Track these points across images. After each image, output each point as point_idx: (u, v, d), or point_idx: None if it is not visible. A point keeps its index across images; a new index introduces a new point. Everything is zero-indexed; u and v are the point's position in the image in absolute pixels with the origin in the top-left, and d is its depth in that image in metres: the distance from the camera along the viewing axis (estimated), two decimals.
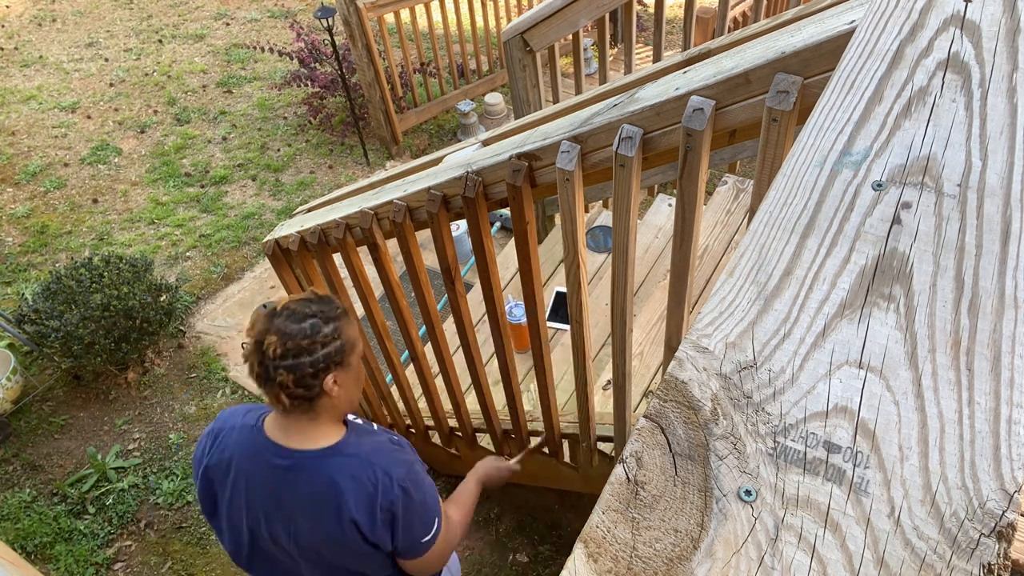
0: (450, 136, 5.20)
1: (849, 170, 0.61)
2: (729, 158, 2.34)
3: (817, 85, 0.91)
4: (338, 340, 1.22)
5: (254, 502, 1.32)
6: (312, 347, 1.18)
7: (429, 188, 1.50)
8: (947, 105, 0.65)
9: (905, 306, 0.50)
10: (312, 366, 1.19)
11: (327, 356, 1.20)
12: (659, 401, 0.48)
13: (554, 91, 2.74)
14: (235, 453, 1.33)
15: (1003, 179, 0.58)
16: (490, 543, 2.84)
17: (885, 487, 0.41)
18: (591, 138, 1.17)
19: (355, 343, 1.27)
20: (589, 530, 0.42)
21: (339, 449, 1.27)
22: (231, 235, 4.35)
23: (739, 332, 0.51)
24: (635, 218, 1.24)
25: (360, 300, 2.11)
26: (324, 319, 1.21)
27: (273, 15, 6.75)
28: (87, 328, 3.11)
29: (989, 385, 0.45)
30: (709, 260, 2.89)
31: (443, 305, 3.60)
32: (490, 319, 1.72)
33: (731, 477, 0.43)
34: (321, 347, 1.19)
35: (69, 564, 2.86)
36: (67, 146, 5.19)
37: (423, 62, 4.99)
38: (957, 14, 0.74)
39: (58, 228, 4.50)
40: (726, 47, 1.15)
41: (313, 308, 1.22)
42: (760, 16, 2.52)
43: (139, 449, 3.29)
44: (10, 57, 6.27)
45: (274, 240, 2.19)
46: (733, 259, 0.57)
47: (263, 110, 5.46)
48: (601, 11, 2.44)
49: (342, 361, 1.23)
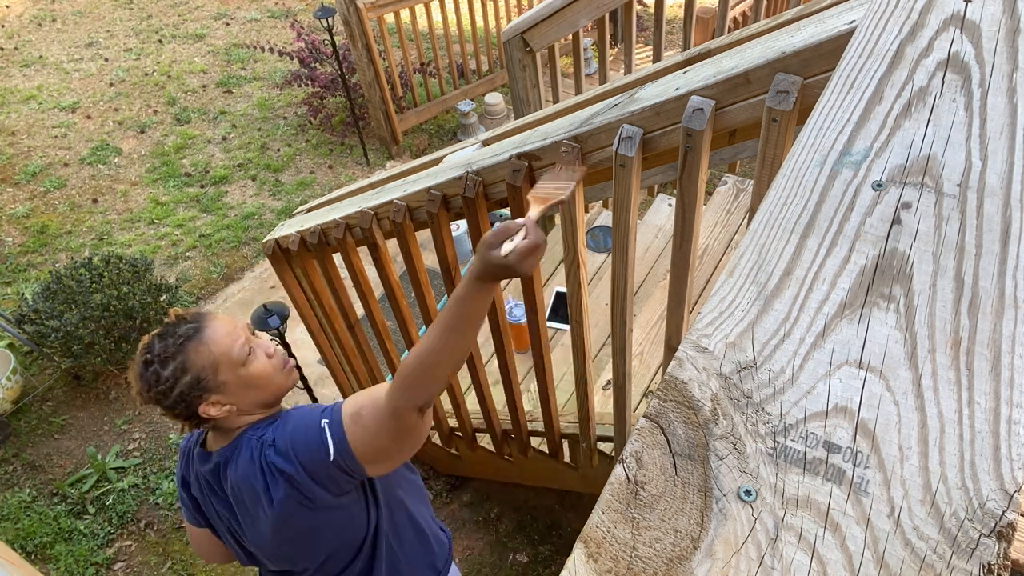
0: (450, 136, 5.20)
1: (849, 170, 0.61)
2: (729, 158, 2.33)
3: (817, 85, 0.91)
4: (185, 375, 1.17)
5: (213, 510, 1.35)
6: (161, 395, 1.17)
7: (429, 188, 1.50)
8: (947, 105, 0.65)
9: (905, 306, 0.50)
10: (174, 407, 1.18)
11: (182, 395, 1.17)
12: (659, 401, 0.48)
13: (554, 91, 2.74)
14: (191, 470, 1.37)
15: (1003, 179, 0.58)
16: (490, 543, 2.84)
17: (885, 487, 0.41)
18: (591, 138, 1.17)
19: (216, 362, 1.19)
20: (589, 530, 0.42)
21: (241, 437, 1.25)
22: (231, 235, 4.35)
23: (739, 332, 0.51)
24: (635, 218, 1.24)
25: (360, 300, 2.11)
26: (161, 361, 1.17)
27: (273, 15, 6.75)
28: (87, 328, 3.11)
29: (989, 385, 0.45)
30: (709, 260, 2.89)
31: (443, 305, 3.60)
32: (490, 319, 1.72)
33: (731, 477, 0.43)
34: (170, 390, 1.17)
35: (69, 564, 2.86)
36: (67, 146, 5.19)
37: (423, 62, 4.99)
38: (957, 14, 0.74)
39: (58, 228, 4.50)
40: (726, 47, 1.15)
41: (155, 350, 1.18)
42: (760, 16, 2.52)
43: (139, 449, 3.29)
44: (10, 57, 6.27)
45: (274, 240, 2.19)
46: (733, 259, 0.57)
47: (263, 110, 5.46)
48: (601, 11, 2.44)
49: (205, 388, 1.18)
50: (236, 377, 1.21)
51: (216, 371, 1.19)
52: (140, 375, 1.19)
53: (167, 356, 1.17)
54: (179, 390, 1.17)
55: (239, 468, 1.23)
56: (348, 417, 1.17)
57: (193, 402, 1.18)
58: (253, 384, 1.23)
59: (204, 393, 1.18)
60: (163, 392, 1.17)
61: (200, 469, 1.33)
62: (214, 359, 1.19)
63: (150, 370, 1.18)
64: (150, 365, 1.18)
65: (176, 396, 1.17)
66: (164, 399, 1.18)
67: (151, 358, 1.18)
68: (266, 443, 1.20)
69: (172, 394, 1.17)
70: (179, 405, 1.18)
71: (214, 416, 1.20)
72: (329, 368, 2.62)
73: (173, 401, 1.17)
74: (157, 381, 1.17)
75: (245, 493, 1.24)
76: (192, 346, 1.18)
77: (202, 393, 1.18)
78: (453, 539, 1.69)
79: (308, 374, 3.10)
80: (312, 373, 3.44)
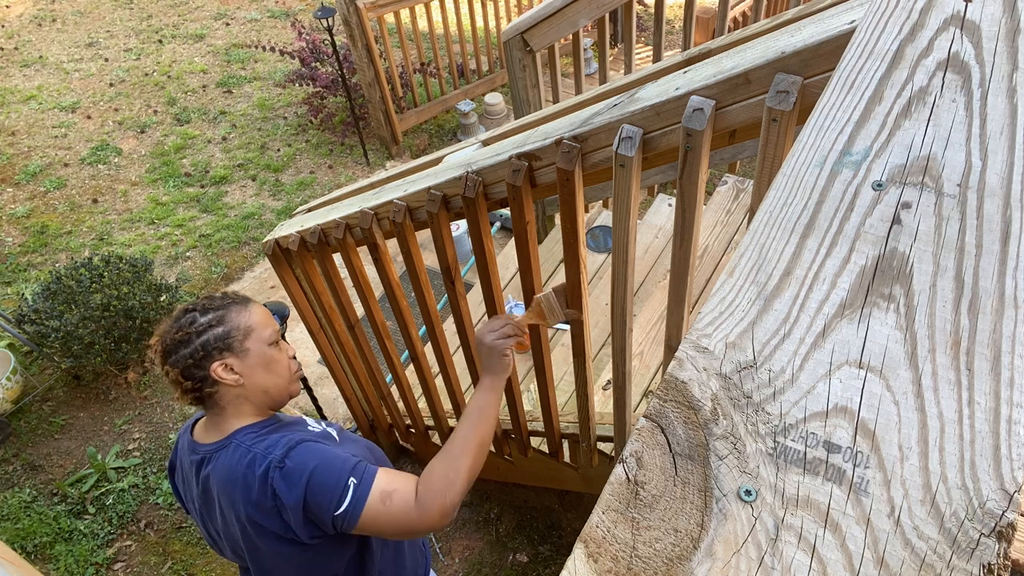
0: (450, 136, 5.20)
1: (849, 170, 0.61)
2: (729, 158, 2.34)
3: (817, 85, 0.91)
4: (219, 326, 1.21)
5: (193, 501, 1.35)
6: (187, 338, 1.20)
7: (429, 188, 1.50)
8: (947, 105, 0.65)
9: (905, 306, 0.50)
10: (191, 356, 1.19)
11: (205, 344, 1.19)
12: (659, 401, 0.48)
13: (554, 91, 2.74)
14: (180, 456, 1.39)
15: (1003, 179, 0.58)
16: (490, 543, 2.84)
17: (885, 487, 0.41)
18: (591, 138, 1.17)
19: (251, 328, 1.24)
20: (589, 530, 0.42)
21: (231, 439, 1.23)
22: (231, 235, 4.35)
23: (739, 332, 0.51)
24: (635, 218, 1.24)
25: (360, 300, 2.11)
26: (202, 309, 1.23)
27: (273, 15, 6.75)
28: (87, 328, 3.11)
29: (989, 385, 0.45)
30: (709, 260, 2.89)
31: (443, 305, 3.60)
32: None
33: (731, 477, 0.43)
34: (197, 336, 1.20)
35: (69, 564, 2.86)
36: (67, 146, 5.19)
37: (423, 62, 4.99)
38: (957, 14, 0.74)
39: (58, 228, 4.50)
40: (726, 47, 1.15)
41: (197, 304, 1.25)
42: (760, 16, 2.52)
43: (139, 449, 3.29)
44: (10, 57, 6.27)
45: (274, 240, 2.19)
46: (733, 259, 0.57)
47: (263, 110, 5.45)
48: (601, 11, 2.44)
49: (229, 347, 1.21)
50: (259, 351, 1.25)
51: (246, 336, 1.23)
52: (175, 319, 1.22)
53: (209, 307, 1.23)
54: (205, 338, 1.20)
55: (222, 469, 1.22)
56: (378, 493, 1.16)
57: (211, 355, 1.20)
58: (269, 367, 1.26)
59: (225, 352, 1.21)
60: (189, 336, 1.19)
61: (186, 458, 1.33)
62: (249, 325, 1.25)
63: (187, 315, 1.21)
64: (189, 312, 1.22)
65: (199, 344, 1.19)
66: (185, 345, 1.19)
67: (192, 307, 1.24)
68: (273, 463, 1.16)
69: (196, 341, 1.19)
70: (196, 355, 1.19)
71: (222, 378, 1.20)
72: (329, 368, 2.62)
73: (193, 349, 1.19)
74: (191, 323, 1.20)
75: (222, 495, 1.23)
76: (236, 308, 1.25)
77: (223, 350, 1.21)
78: (453, 539, 1.69)
79: (308, 374, 3.10)
80: (312, 373, 3.44)
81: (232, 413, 1.25)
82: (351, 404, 2.80)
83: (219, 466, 1.22)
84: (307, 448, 1.19)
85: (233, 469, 1.20)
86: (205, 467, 1.26)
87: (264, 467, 1.16)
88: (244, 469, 1.18)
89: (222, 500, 1.23)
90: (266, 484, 1.16)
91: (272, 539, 1.20)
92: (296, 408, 3.41)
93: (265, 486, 1.16)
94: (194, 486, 1.31)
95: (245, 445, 1.21)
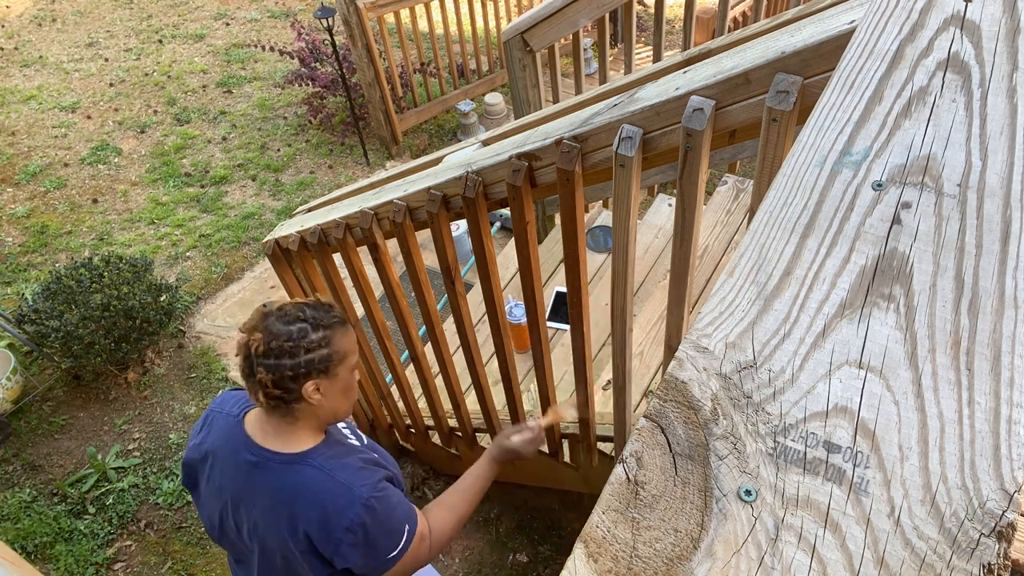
0: (450, 136, 5.20)
1: (849, 170, 0.61)
2: (729, 158, 2.34)
3: (817, 85, 0.91)
4: (325, 348, 1.20)
5: (224, 490, 1.34)
6: (295, 350, 1.18)
7: (429, 188, 1.50)
8: (947, 105, 0.65)
9: (905, 306, 0.50)
10: (292, 369, 1.18)
11: (309, 362, 1.19)
12: (659, 401, 0.48)
13: (554, 91, 2.74)
14: (216, 440, 1.37)
15: (1003, 179, 0.58)
16: (490, 543, 2.84)
17: (885, 487, 0.41)
18: (591, 138, 1.17)
19: (346, 354, 1.25)
20: (589, 530, 0.42)
21: (306, 458, 1.26)
22: (231, 235, 4.35)
23: (739, 332, 0.51)
24: (635, 218, 1.24)
25: (360, 300, 2.11)
26: (314, 325, 1.20)
27: (273, 15, 6.75)
28: (87, 328, 3.11)
29: (989, 385, 0.45)
30: (709, 260, 2.89)
31: (443, 305, 3.60)
32: (490, 319, 1.72)
33: (731, 477, 0.43)
34: (305, 352, 1.18)
35: (69, 564, 2.86)
36: (67, 146, 5.19)
37: (423, 62, 4.99)
38: (957, 14, 0.74)
39: (58, 228, 4.50)
40: (726, 47, 1.15)
41: (307, 313, 1.22)
42: (760, 16, 2.52)
43: (139, 449, 3.29)
44: (10, 57, 6.27)
45: (274, 240, 2.19)
46: (733, 259, 0.57)
47: (263, 110, 5.46)
48: (601, 11, 2.44)
49: (327, 370, 1.21)
50: (345, 377, 1.26)
51: (342, 361, 1.24)
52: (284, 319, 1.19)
53: (320, 324, 1.21)
54: (311, 356, 1.19)
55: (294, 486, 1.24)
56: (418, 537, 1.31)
57: (310, 374, 1.19)
58: (347, 392, 1.29)
59: (322, 373, 1.21)
60: (297, 349, 1.18)
61: (229, 447, 1.32)
62: (346, 350, 1.25)
63: (297, 326, 1.19)
64: (301, 322, 1.19)
65: (303, 360, 1.18)
66: (290, 356, 1.18)
67: (304, 317, 1.20)
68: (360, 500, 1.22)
69: (302, 356, 1.18)
70: (298, 370, 1.18)
71: (310, 397, 1.21)
72: None
73: (296, 363, 1.18)
74: (302, 337, 1.18)
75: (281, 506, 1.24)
76: (340, 329, 1.24)
77: (321, 372, 1.20)
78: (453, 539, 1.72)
79: None
80: None
81: (303, 427, 1.27)
82: None
83: (290, 482, 1.24)
84: (387, 490, 1.28)
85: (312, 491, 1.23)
86: (263, 471, 1.27)
87: (349, 501, 1.22)
88: (325, 496, 1.22)
89: (277, 509, 1.25)
90: (346, 517, 1.21)
91: (316, 558, 1.25)
92: None
93: (343, 518, 1.21)
94: (234, 477, 1.31)
95: (325, 470, 1.24)
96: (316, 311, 1.23)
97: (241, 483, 1.30)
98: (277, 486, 1.25)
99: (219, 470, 1.35)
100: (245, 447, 1.29)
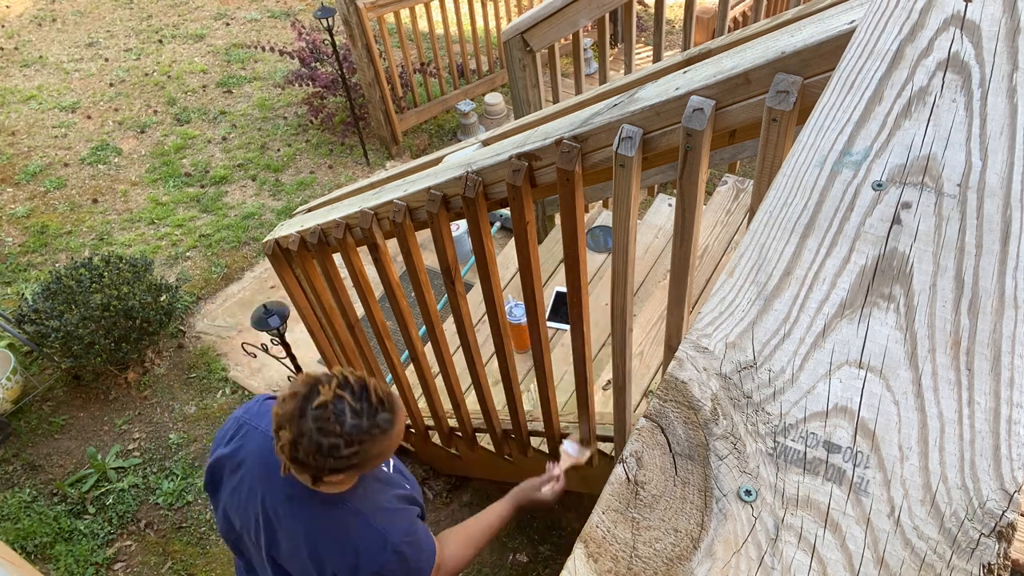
0: (450, 136, 5.20)
1: (849, 170, 0.61)
2: (729, 158, 2.34)
3: (817, 85, 0.91)
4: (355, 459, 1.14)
5: (251, 506, 1.34)
6: (321, 462, 1.13)
7: (429, 188, 1.50)
8: (947, 105, 0.65)
9: (905, 306, 0.50)
10: (316, 471, 1.16)
11: (334, 469, 1.15)
12: (659, 401, 0.48)
13: (554, 91, 2.74)
14: (250, 455, 1.35)
15: (1003, 179, 0.58)
16: (490, 543, 2.84)
17: (885, 487, 0.41)
18: (591, 138, 1.17)
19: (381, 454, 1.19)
20: (589, 530, 0.42)
21: (344, 501, 1.26)
22: (231, 235, 4.35)
23: (739, 332, 0.51)
24: (635, 218, 1.24)
25: (360, 300, 2.11)
26: (348, 440, 1.12)
27: (273, 15, 6.75)
28: (87, 328, 3.11)
29: (989, 385, 0.45)
30: (709, 260, 2.89)
31: (443, 305, 3.60)
32: (490, 319, 1.72)
33: (731, 477, 0.43)
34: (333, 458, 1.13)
35: (69, 564, 2.86)
36: (67, 146, 5.19)
37: (423, 62, 4.99)
38: (957, 14, 0.74)
39: (58, 228, 4.50)
40: (726, 47, 1.15)
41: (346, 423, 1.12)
42: (760, 16, 2.52)
43: (139, 449, 3.29)
44: (10, 57, 6.27)
45: (274, 240, 2.19)
46: (733, 259, 0.57)
47: (263, 110, 5.45)
48: (601, 11, 2.44)
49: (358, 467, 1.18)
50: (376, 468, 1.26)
51: (374, 462, 1.20)
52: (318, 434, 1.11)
53: (353, 440, 1.13)
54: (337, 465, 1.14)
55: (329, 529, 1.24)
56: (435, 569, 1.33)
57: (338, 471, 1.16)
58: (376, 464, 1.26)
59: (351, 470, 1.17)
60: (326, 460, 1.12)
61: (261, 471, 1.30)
62: (382, 452, 1.19)
63: (330, 441, 1.11)
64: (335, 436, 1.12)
65: (329, 467, 1.14)
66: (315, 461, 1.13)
67: (340, 431, 1.12)
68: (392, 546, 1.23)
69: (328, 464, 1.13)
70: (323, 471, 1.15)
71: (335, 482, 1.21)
72: (329, 368, 2.62)
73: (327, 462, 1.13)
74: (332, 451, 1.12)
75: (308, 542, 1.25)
76: (379, 438, 1.16)
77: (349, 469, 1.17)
78: None
79: None
80: None
81: None
82: None
83: (326, 523, 1.25)
84: (417, 533, 1.30)
85: (347, 535, 1.24)
86: (300, 506, 1.26)
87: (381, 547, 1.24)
88: (360, 542, 1.24)
89: (309, 545, 1.25)
90: (376, 562, 1.23)
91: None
92: None
93: (373, 563, 1.23)
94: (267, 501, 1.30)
95: (363, 515, 1.25)
96: (358, 421, 1.13)
97: (273, 508, 1.29)
98: (313, 524, 1.25)
99: (249, 487, 1.33)
100: (287, 482, 1.27)
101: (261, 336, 3.18)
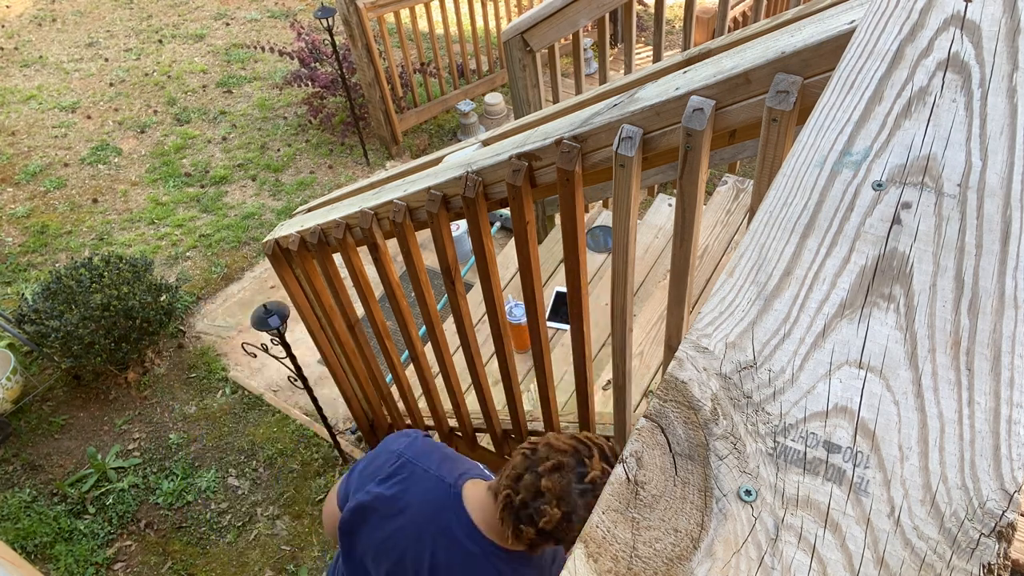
0: (450, 136, 5.20)
1: (849, 170, 0.61)
2: (729, 158, 2.34)
3: (817, 85, 0.91)
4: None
5: (409, 558, 1.26)
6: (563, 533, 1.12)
7: (429, 188, 1.50)
8: (947, 105, 0.65)
9: (905, 306, 0.50)
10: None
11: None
12: (659, 401, 0.48)
13: (554, 91, 2.74)
14: (418, 501, 1.27)
15: (1003, 179, 0.58)
16: None
17: (885, 487, 0.41)
18: (591, 138, 1.17)
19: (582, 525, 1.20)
20: (589, 530, 0.42)
21: (527, 554, 1.23)
22: (231, 235, 4.35)
23: (739, 332, 0.51)
24: (635, 218, 1.24)
25: (360, 300, 2.11)
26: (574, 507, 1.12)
27: (273, 15, 6.75)
28: (87, 328, 3.11)
29: (989, 385, 0.45)
30: (709, 260, 2.89)
31: (443, 305, 3.60)
32: (490, 319, 1.72)
33: (731, 477, 0.43)
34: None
35: (69, 564, 2.86)
36: (67, 146, 5.19)
37: (423, 62, 4.99)
38: (957, 14, 0.74)
39: (58, 228, 4.50)
40: (726, 47, 1.15)
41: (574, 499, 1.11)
42: (760, 16, 2.52)
43: (139, 449, 3.29)
44: (10, 57, 6.27)
45: (274, 240, 2.19)
46: (733, 259, 0.57)
47: (263, 110, 5.45)
48: (601, 11, 2.44)
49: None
50: None
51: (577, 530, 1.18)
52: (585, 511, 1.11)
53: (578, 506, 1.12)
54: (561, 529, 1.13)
55: None
56: None
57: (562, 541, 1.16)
58: None
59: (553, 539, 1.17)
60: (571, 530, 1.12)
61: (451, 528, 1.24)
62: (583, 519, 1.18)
63: (564, 505, 1.11)
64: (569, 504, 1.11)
65: (570, 536, 1.13)
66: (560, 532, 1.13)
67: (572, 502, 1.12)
68: None
69: (570, 535, 1.13)
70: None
71: None
72: (329, 368, 2.62)
73: (562, 536, 1.13)
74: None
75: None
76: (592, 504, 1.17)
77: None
78: None
79: (308, 374, 3.10)
80: (312, 373, 3.44)
81: None
82: (351, 404, 2.80)
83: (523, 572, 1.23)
84: None
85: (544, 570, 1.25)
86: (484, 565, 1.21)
87: None
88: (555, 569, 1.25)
89: None
90: None
91: None
92: (296, 408, 3.41)
93: None
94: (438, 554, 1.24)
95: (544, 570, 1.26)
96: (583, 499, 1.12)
97: (447, 564, 1.23)
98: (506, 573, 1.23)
99: (414, 537, 1.25)
100: (465, 531, 1.23)
101: (261, 336, 3.18)
